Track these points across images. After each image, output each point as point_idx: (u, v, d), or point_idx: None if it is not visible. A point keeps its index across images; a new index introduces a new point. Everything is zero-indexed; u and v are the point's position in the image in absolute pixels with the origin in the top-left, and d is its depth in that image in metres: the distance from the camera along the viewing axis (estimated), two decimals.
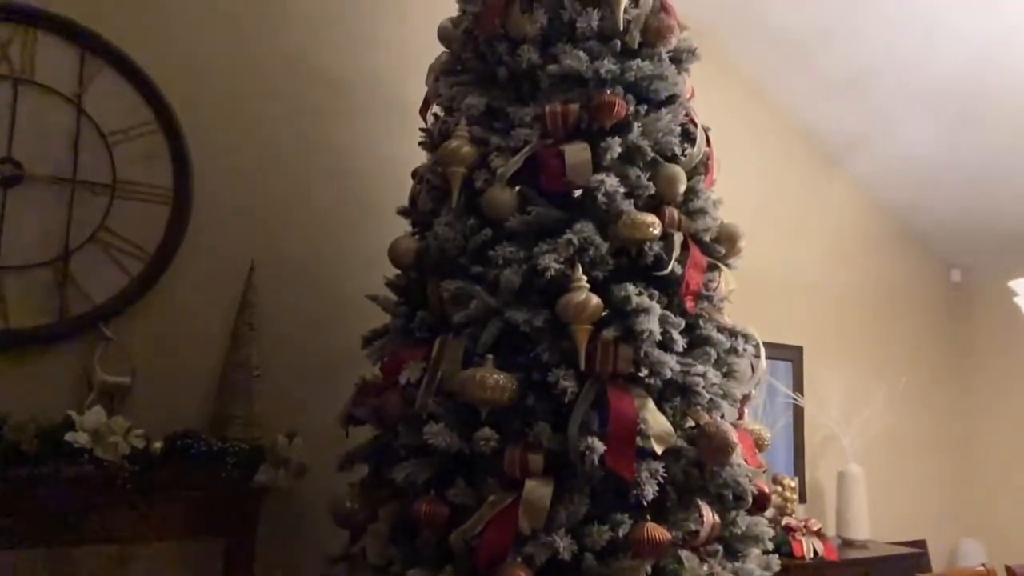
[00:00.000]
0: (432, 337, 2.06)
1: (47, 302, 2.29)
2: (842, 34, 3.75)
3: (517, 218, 2.02)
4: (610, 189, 1.97)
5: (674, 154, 2.14)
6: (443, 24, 2.42)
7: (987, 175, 4.26)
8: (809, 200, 4.33)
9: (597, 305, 1.86)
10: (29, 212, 2.29)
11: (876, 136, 4.23)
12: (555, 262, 1.90)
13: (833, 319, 4.36)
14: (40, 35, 2.34)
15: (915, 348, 4.75)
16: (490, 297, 1.95)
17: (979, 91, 3.81)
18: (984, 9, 3.42)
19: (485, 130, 2.15)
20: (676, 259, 2.01)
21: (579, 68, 2.06)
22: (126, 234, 2.41)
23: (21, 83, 2.31)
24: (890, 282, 4.68)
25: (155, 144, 2.48)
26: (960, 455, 4.88)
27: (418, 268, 2.19)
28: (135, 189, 2.44)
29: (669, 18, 2.21)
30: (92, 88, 2.41)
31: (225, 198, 2.61)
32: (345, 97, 2.88)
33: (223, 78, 2.66)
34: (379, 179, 2.81)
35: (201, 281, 2.54)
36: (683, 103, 2.23)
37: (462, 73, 2.32)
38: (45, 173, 2.32)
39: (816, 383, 4.17)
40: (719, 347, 2.07)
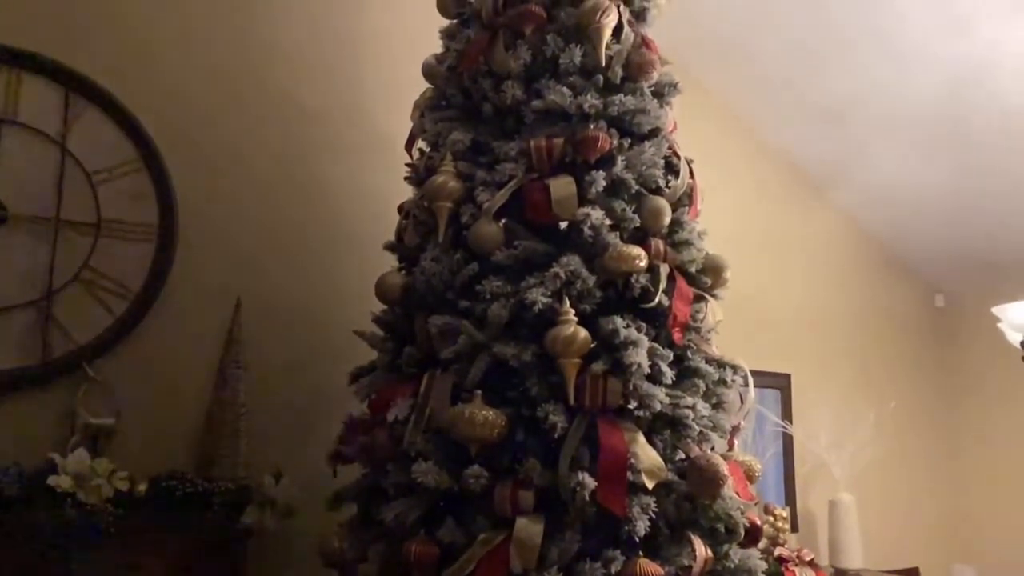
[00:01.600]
0: (420, 373, 2.05)
1: (30, 343, 2.26)
2: (821, 65, 3.82)
3: (504, 252, 2.02)
4: (596, 222, 1.98)
5: (658, 186, 2.16)
6: (427, 61, 2.44)
7: (968, 201, 4.32)
8: (793, 228, 4.37)
9: (585, 339, 1.86)
10: (12, 253, 2.27)
11: (858, 164, 4.28)
12: (542, 296, 1.90)
13: (820, 346, 4.38)
14: (25, 76, 2.35)
15: (902, 374, 4.78)
16: (478, 332, 1.94)
17: (958, 118, 3.88)
18: (959, 39, 3.49)
19: (470, 165, 2.16)
20: (663, 291, 2.01)
21: (563, 103, 2.08)
22: (110, 273, 2.40)
23: (5, 123, 2.31)
24: (876, 308, 4.72)
25: (140, 183, 2.48)
26: (950, 481, 4.89)
27: (405, 303, 2.19)
28: (120, 228, 2.43)
29: (650, 53, 2.24)
30: (77, 128, 2.41)
31: (210, 235, 2.60)
32: (330, 133, 2.89)
33: (208, 116, 2.67)
34: (365, 214, 2.82)
35: (186, 319, 2.52)
36: (666, 136, 2.25)
37: (447, 109, 2.33)
38: (29, 213, 2.31)
39: (805, 410, 4.18)
40: (708, 378, 2.07)
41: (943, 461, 4.89)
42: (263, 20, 2.83)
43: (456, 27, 2.37)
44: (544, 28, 2.17)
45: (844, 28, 3.62)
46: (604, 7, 2.11)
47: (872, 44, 3.65)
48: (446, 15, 2.43)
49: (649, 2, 2.34)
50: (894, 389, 4.63)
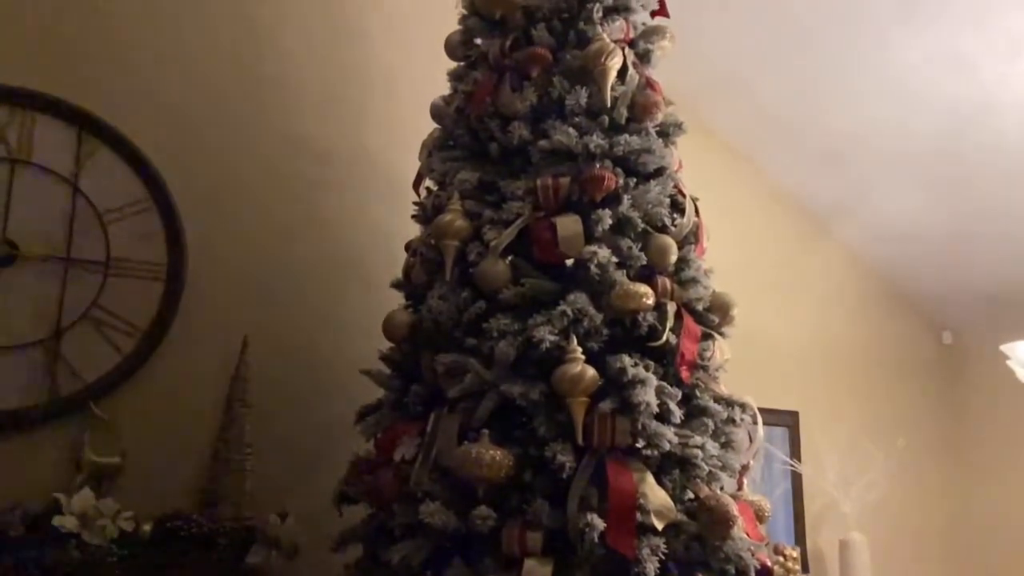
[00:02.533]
0: (427, 412, 2.04)
1: (37, 382, 2.27)
2: (824, 104, 3.86)
3: (511, 290, 2.03)
4: (602, 260, 1.99)
5: (664, 224, 2.17)
6: (435, 102, 2.48)
7: (973, 237, 4.32)
8: (798, 265, 4.37)
9: (593, 377, 1.86)
10: (22, 291, 2.29)
11: (862, 201, 4.30)
12: (550, 334, 1.90)
13: (828, 383, 4.35)
14: (39, 117, 2.38)
15: (910, 410, 4.74)
16: (485, 370, 1.94)
17: (960, 156, 3.90)
18: (961, 78, 3.53)
19: (478, 204, 2.18)
20: (670, 329, 2.01)
21: (569, 143, 2.10)
22: (119, 311, 2.40)
23: (18, 164, 2.34)
24: (882, 344, 4.69)
25: (150, 221, 2.50)
26: (961, 519, 4.81)
27: (412, 341, 2.19)
28: (129, 266, 2.44)
29: (655, 94, 2.27)
30: (88, 167, 2.44)
31: (218, 273, 2.61)
32: (338, 172, 2.92)
33: (217, 154, 2.70)
34: (373, 252, 2.83)
35: (194, 357, 2.52)
36: (671, 175, 2.27)
37: (454, 149, 2.36)
38: (40, 252, 2.33)
39: (813, 448, 4.14)
40: (716, 417, 2.06)
41: (954, 499, 4.82)
42: (272, 59, 2.87)
43: (463, 69, 2.41)
44: (550, 70, 2.21)
45: (846, 68, 3.66)
46: (609, 50, 2.14)
47: (874, 83, 3.69)
48: (453, 57, 2.47)
49: (653, 44, 2.38)
50: (903, 426, 4.58)
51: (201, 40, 2.74)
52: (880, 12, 3.36)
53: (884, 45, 3.50)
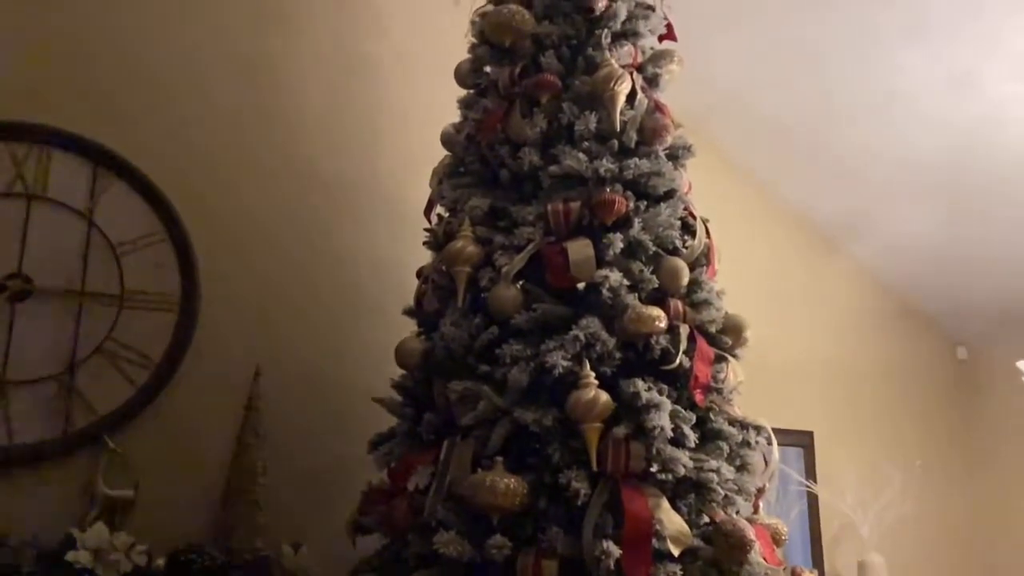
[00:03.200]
0: (440, 440, 2.03)
1: (52, 416, 2.27)
2: (831, 122, 3.87)
3: (523, 315, 2.03)
4: (614, 284, 1.99)
5: (675, 247, 2.17)
6: (446, 129, 2.50)
7: (985, 252, 4.30)
8: (810, 283, 4.36)
9: (607, 402, 1.85)
10: (37, 326, 2.30)
11: (872, 218, 4.29)
12: (563, 359, 1.90)
13: (842, 402, 4.31)
14: (55, 152, 2.41)
15: (927, 428, 4.69)
16: (498, 397, 1.94)
17: (969, 171, 3.89)
18: (966, 94, 3.53)
19: (489, 230, 2.19)
20: (683, 352, 2.00)
21: (579, 168, 2.11)
22: (132, 343, 2.41)
23: (34, 199, 2.37)
24: (897, 362, 4.66)
25: (163, 253, 2.52)
26: (982, 537, 4.74)
27: (424, 369, 2.18)
28: (143, 298, 2.46)
29: (664, 118, 2.28)
30: (103, 201, 2.47)
31: (231, 303, 2.62)
32: (349, 201, 2.93)
33: (230, 186, 2.72)
34: (384, 279, 2.83)
35: (207, 388, 2.53)
36: (681, 197, 2.28)
37: (465, 175, 2.38)
38: (55, 286, 2.35)
39: (829, 469, 4.10)
40: (731, 440, 2.04)
41: (972, 518, 4.75)
42: (284, 92, 2.90)
43: (473, 97, 2.43)
44: (559, 96, 2.23)
45: (854, 86, 3.67)
46: (617, 75, 2.16)
47: (882, 101, 3.69)
48: (463, 86, 2.49)
49: (661, 68, 2.40)
50: (919, 444, 4.54)
51: (215, 75, 2.77)
52: (887, 32, 3.38)
53: (891, 64, 3.51)
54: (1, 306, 2.28)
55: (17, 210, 2.35)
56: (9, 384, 2.24)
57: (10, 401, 2.24)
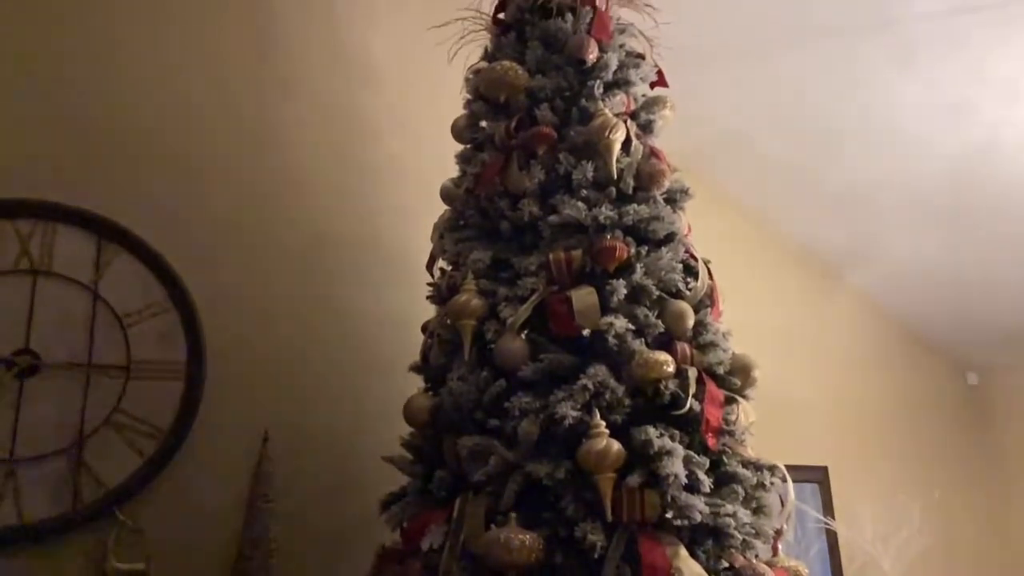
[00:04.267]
0: (452, 497, 2.01)
1: (61, 491, 2.26)
2: (826, 155, 3.91)
3: (530, 366, 2.02)
4: (620, 330, 1.99)
5: (679, 290, 2.17)
6: (445, 184, 2.52)
7: (988, 276, 4.31)
8: (816, 316, 4.35)
9: (619, 451, 1.83)
10: (45, 401, 2.30)
11: (874, 248, 4.31)
12: (572, 409, 1.89)
13: (855, 434, 4.28)
14: (59, 227, 2.44)
15: (942, 457, 4.64)
16: (509, 451, 1.92)
17: (967, 196, 3.92)
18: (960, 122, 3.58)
19: (492, 282, 2.19)
20: (693, 396, 1.99)
21: (578, 216, 2.13)
22: (140, 414, 2.41)
23: (40, 275, 2.39)
24: (908, 390, 4.63)
25: (169, 322, 2.52)
26: (1007, 566, 4.65)
27: (433, 425, 2.17)
28: (149, 368, 2.46)
29: (660, 163, 2.30)
30: (108, 273, 2.48)
31: (237, 369, 2.62)
32: (353, 260, 2.95)
33: (233, 250, 2.74)
34: (391, 335, 2.83)
35: (216, 455, 2.51)
36: (681, 240, 2.28)
37: (466, 229, 2.39)
38: (61, 360, 2.35)
39: (846, 503, 4.05)
40: (746, 483, 2.01)
41: (994, 548, 4.67)
42: (284, 153, 2.94)
43: (471, 151, 2.46)
44: (556, 147, 2.25)
45: (847, 118, 3.72)
46: (612, 124, 2.19)
47: (875, 130, 3.74)
48: (460, 141, 2.52)
49: (655, 114, 2.43)
50: (936, 474, 4.48)
51: (214, 140, 2.80)
52: (877, 64, 3.43)
53: (884, 94, 3.56)
54: (9, 383, 2.28)
55: (24, 286, 2.36)
56: (18, 462, 2.23)
57: (19, 479, 2.22)
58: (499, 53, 2.47)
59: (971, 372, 5.01)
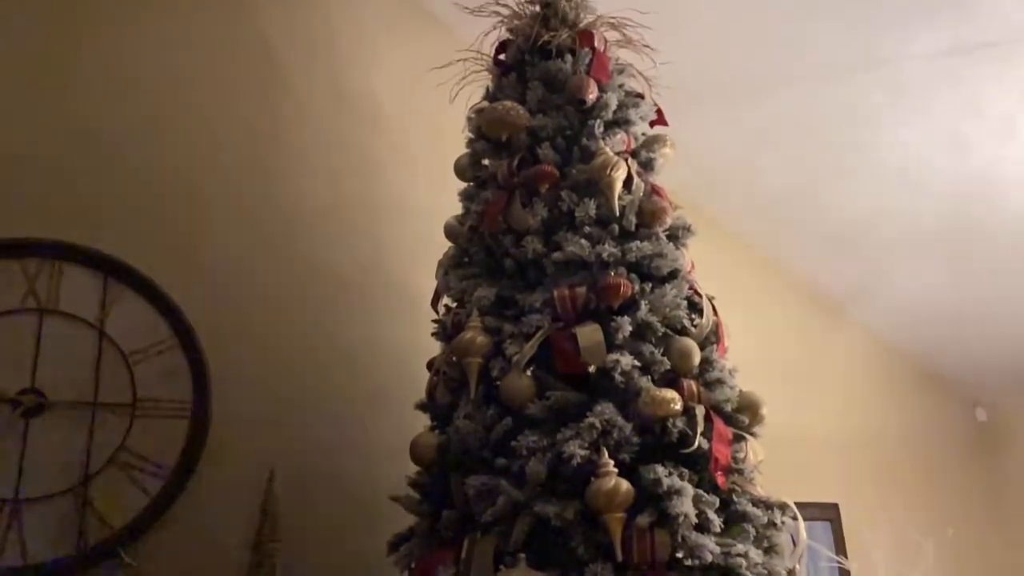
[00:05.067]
0: (460, 537, 1.99)
1: (65, 532, 2.24)
2: (827, 191, 3.93)
3: (537, 404, 2.02)
4: (626, 367, 1.99)
5: (684, 327, 2.17)
6: (449, 222, 2.54)
7: (993, 309, 4.31)
8: (822, 352, 4.34)
9: (628, 491, 1.82)
10: (51, 440, 2.29)
11: (877, 283, 4.32)
12: (580, 448, 1.88)
13: (865, 471, 4.24)
14: (65, 266, 2.45)
15: (954, 493, 4.59)
16: (517, 491, 1.91)
17: (967, 231, 3.94)
18: (959, 157, 3.60)
19: (497, 319, 2.20)
20: (701, 433, 1.98)
21: (582, 253, 2.14)
22: (146, 453, 2.39)
23: (46, 313, 2.39)
24: (916, 426, 4.60)
25: (174, 359, 2.52)
26: None
27: (440, 464, 2.16)
28: (155, 406, 2.45)
29: (661, 200, 2.32)
30: (114, 311, 2.48)
31: (243, 405, 2.61)
32: (360, 297, 2.96)
33: (239, 287, 2.75)
34: (397, 372, 2.83)
35: (221, 493, 2.49)
36: (685, 276, 2.29)
37: (470, 266, 2.40)
38: (67, 399, 2.35)
39: (858, 541, 3.99)
40: (756, 522, 2.00)
41: None
42: (291, 188, 2.96)
43: (474, 189, 2.48)
44: (558, 185, 2.27)
45: (846, 154, 3.75)
46: (613, 162, 2.21)
47: (875, 167, 3.77)
48: (463, 179, 2.55)
49: (655, 152, 2.45)
50: (948, 510, 4.43)
51: (224, 181, 2.83)
52: (874, 99, 3.47)
53: (881, 130, 3.60)
54: (15, 422, 2.28)
55: (30, 325, 2.37)
56: (23, 502, 2.22)
57: (24, 519, 2.21)
58: (500, 93, 2.51)
59: (980, 408, 4.98)
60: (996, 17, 3.02)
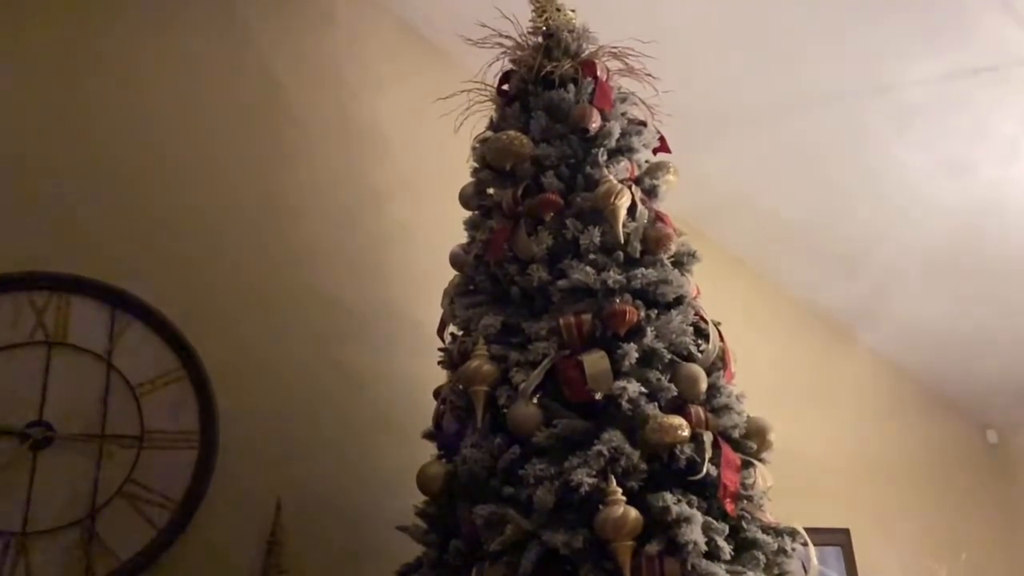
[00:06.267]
0: (468, 567, 1.98)
1: (73, 565, 2.23)
2: (833, 215, 3.94)
3: (544, 432, 2.01)
4: (633, 394, 1.98)
5: (690, 353, 2.17)
6: (454, 251, 2.56)
7: (1003, 330, 4.29)
8: (829, 377, 4.32)
9: (636, 519, 1.81)
10: (59, 472, 2.29)
11: (884, 306, 4.30)
12: (588, 476, 1.87)
13: (875, 495, 4.20)
14: (73, 299, 2.47)
15: (966, 517, 4.53)
16: (525, 520, 1.90)
17: (976, 250, 3.94)
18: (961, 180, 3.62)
19: (503, 347, 2.20)
20: (709, 460, 1.97)
21: (587, 281, 2.14)
22: (152, 485, 2.40)
23: (55, 346, 2.41)
24: (927, 450, 4.56)
25: (181, 391, 2.53)
26: None
27: (448, 494, 2.15)
28: (162, 438, 2.46)
29: (666, 227, 2.33)
30: (121, 343, 2.50)
31: (250, 436, 2.61)
32: (366, 326, 2.97)
33: (245, 318, 2.76)
34: (404, 402, 2.82)
35: (229, 524, 2.49)
36: (690, 302, 2.29)
37: (476, 294, 2.41)
38: (75, 431, 2.35)
39: (871, 567, 3.94)
40: (766, 549, 1.98)
41: None
42: (296, 217, 2.98)
43: (479, 218, 2.50)
44: (562, 213, 2.28)
45: (850, 179, 3.77)
46: (617, 190, 2.22)
47: (880, 190, 3.78)
48: (468, 208, 2.56)
49: (658, 180, 2.47)
50: (961, 535, 4.38)
51: (229, 213, 2.86)
52: (878, 127, 3.50)
53: (886, 155, 3.61)
54: (23, 455, 2.28)
55: (38, 358, 2.38)
56: (30, 536, 2.22)
57: (31, 553, 2.20)
58: (504, 123, 2.53)
59: (991, 430, 4.94)
60: (996, 41, 3.04)
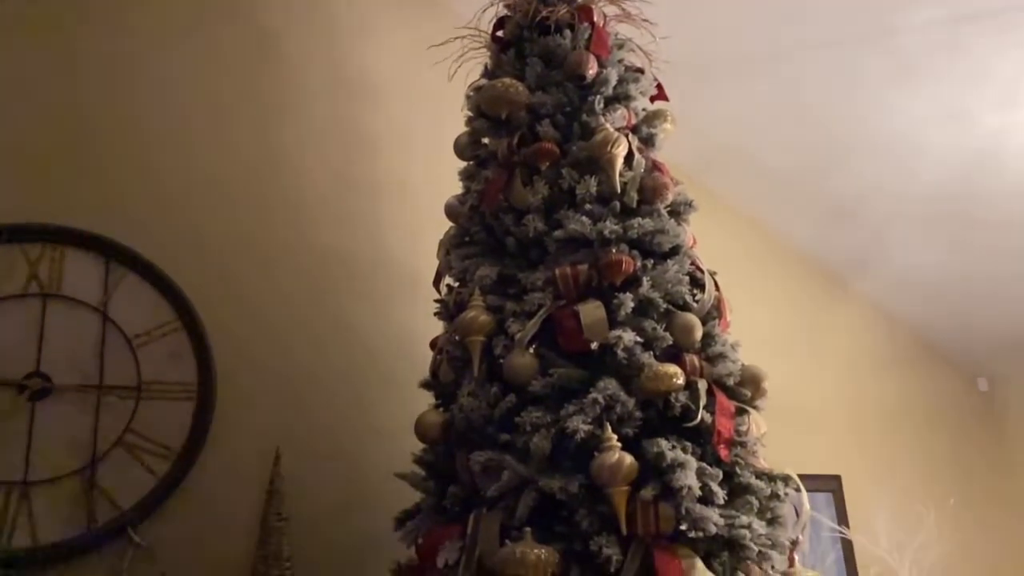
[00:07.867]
0: (466, 512, 2.01)
1: (75, 513, 2.26)
2: (829, 164, 3.92)
3: (540, 381, 2.03)
4: (628, 343, 1.99)
5: (686, 302, 2.18)
6: (449, 201, 2.54)
7: (993, 281, 4.31)
8: (823, 326, 4.35)
9: (632, 465, 1.83)
10: (58, 423, 2.30)
11: (878, 255, 4.31)
12: (583, 423, 1.89)
13: (867, 443, 4.27)
14: (67, 251, 2.45)
15: (956, 463, 4.61)
16: (521, 466, 1.93)
17: (969, 203, 3.94)
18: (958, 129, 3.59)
19: (499, 298, 2.20)
20: (704, 407, 1.99)
21: (583, 231, 2.14)
22: (152, 435, 2.42)
23: (49, 298, 2.40)
24: (918, 397, 4.62)
25: (178, 342, 2.53)
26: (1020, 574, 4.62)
27: (445, 441, 2.18)
28: (160, 388, 2.47)
29: (663, 176, 2.32)
30: (116, 294, 2.49)
31: (248, 387, 2.63)
32: (362, 278, 2.97)
33: (240, 269, 2.75)
34: (401, 352, 2.84)
35: (228, 473, 2.52)
36: (687, 252, 2.29)
37: (471, 245, 2.40)
38: (72, 383, 2.36)
39: (860, 512, 4.03)
40: (760, 494, 2.01)
41: (1013, 553, 4.64)
42: (290, 169, 2.96)
43: (474, 168, 2.47)
44: (558, 163, 2.26)
45: (848, 127, 3.74)
46: (613, 138, 2.20)
47: (877, 140, 3.76)
48: (463, 158, 2.54)
49: (656, 128, 2.44)
50: (950, 481, 4.46)
51: (223, 164, 2.82)
52: (875, 75, 3.45)
53: (884, 104, 3.58)
54: (21, 406, 2.29)
55: (33, 310, 2.38)
56: (31, 484, 2.24)
57: (33, 501, 2.23)
58: (499, 70, 2.49)
59: (981, 378, 4.99)
60: None
